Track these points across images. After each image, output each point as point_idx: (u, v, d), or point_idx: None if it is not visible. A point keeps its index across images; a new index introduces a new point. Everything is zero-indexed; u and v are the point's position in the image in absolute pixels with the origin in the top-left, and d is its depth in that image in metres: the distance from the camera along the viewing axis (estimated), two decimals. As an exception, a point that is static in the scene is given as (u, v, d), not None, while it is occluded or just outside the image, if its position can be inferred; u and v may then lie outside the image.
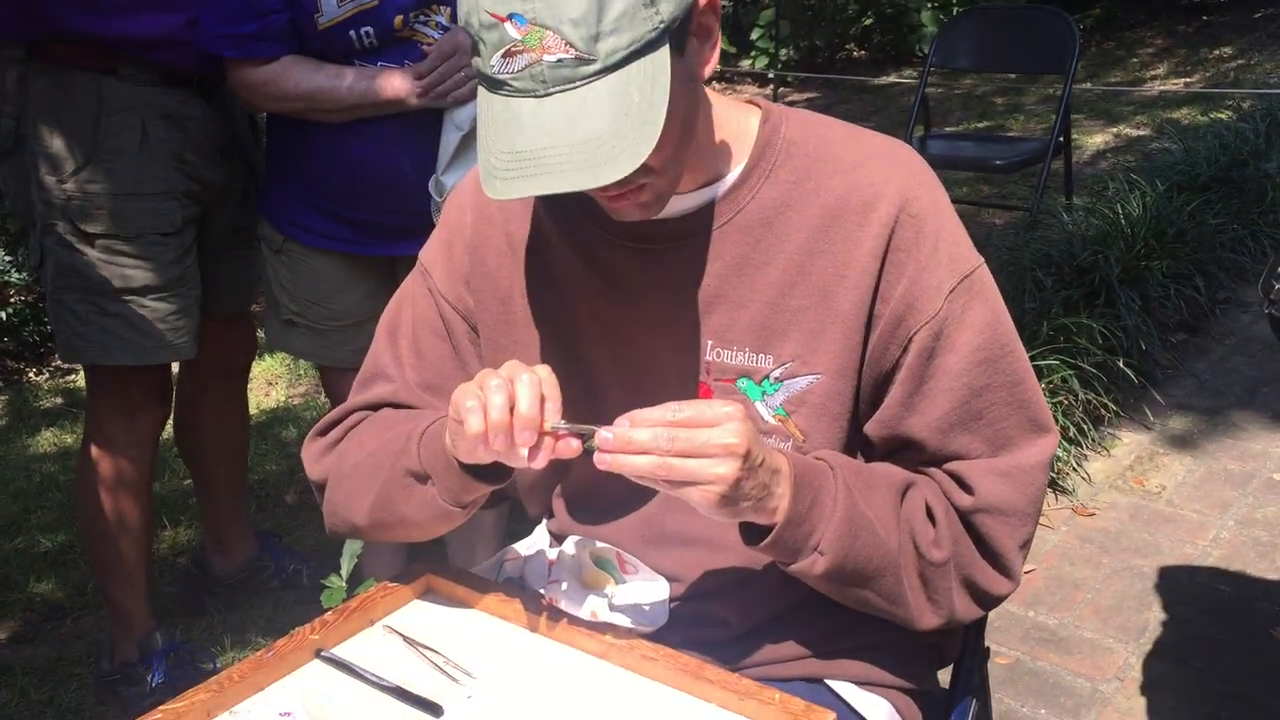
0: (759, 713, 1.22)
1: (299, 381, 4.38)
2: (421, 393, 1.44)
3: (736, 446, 1.13)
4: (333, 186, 2.29)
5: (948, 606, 1.31)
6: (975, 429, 1.29)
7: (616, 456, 1.13)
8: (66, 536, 3.31)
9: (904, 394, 1.29)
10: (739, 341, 1.32)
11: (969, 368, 1.27)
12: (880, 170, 1.30)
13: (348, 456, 1.42)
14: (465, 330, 1.44)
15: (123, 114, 2.27)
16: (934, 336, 1.27)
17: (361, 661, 1.33)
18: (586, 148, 1.09)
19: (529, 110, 1.11)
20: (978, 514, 1.28)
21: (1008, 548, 1.30)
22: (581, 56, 1.09)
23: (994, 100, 7.75)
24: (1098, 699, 2.47)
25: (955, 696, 1.53)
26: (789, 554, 1.24)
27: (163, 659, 2.53)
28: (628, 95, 1.10)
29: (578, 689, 1.29)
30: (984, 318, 1.28)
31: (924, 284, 1.27)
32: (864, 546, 1.24)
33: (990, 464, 1.29)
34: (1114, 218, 4.27)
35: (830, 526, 1.22)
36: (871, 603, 1.29)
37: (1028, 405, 1.30)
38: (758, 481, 1.16)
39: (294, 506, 3.46)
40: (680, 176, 1.25)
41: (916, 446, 1.31)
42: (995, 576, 1.31)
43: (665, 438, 1.12)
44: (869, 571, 1.26)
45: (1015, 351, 1.31)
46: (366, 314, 2.41)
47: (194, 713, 1.24)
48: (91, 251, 2.29)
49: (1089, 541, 3.02)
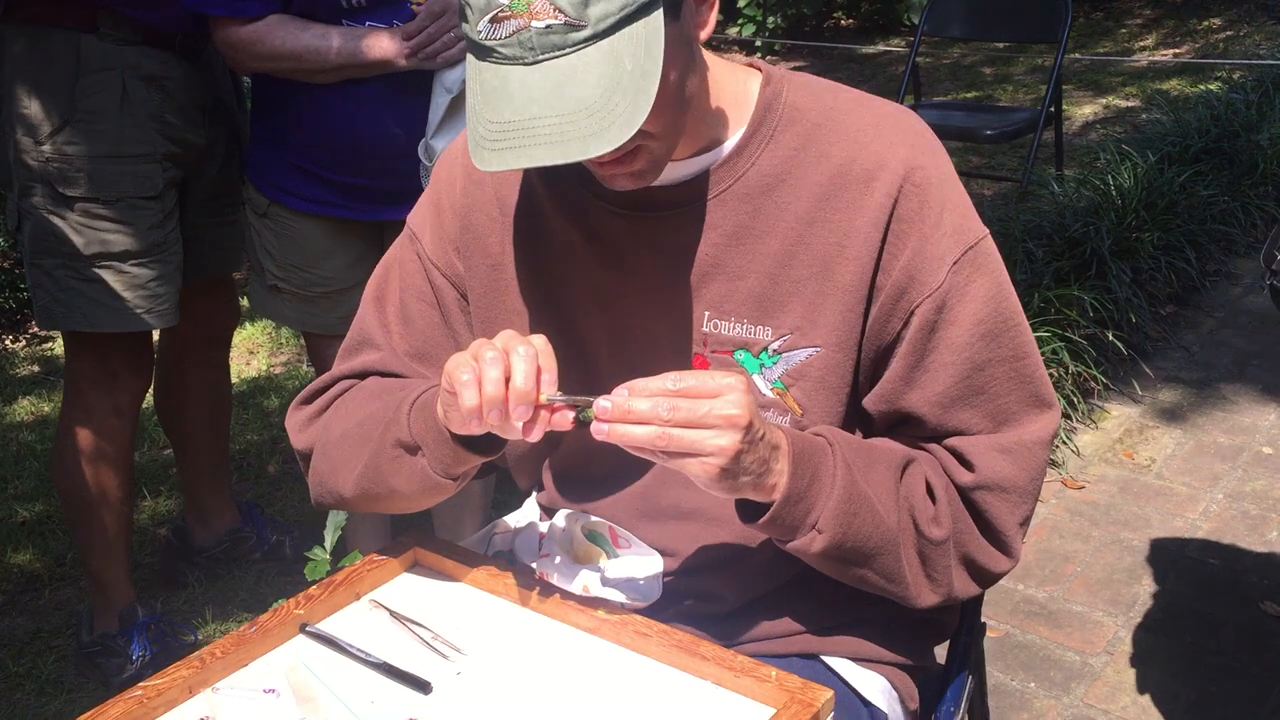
0: (755, 690, 1.20)
1: (281, 350, 4.33)
2: (410, 361, 1.41)
3: (738, 418, 1.09)
4: (319, 150, 2.24)
5: (946, 584, 1.28)
6: (977, 404, 1.26)
7: (615, 426, 1.10)
8: (45, 507, 3.26)
9: (905, 368, 1.26)
10: (737, 313, 1.28)
11: (971, 341, 1.24)
12: (885, 138, 1.26)
13: (334, 426, 1.38)
14: (454, 297, 1.40)
15: (102, 74, 2.21)
16: (936, 310, 1.24)
17: (347, 637, 1.30)
18: (577, 118, 1.06)
19: (517, 78, 1.07)
20: (978, 491, 1.26)
21: (1008, 525, 1.27)
22: (571, 22, 1.05)
23: (982, 70, 7.71)
24: (1087, 672, 2.46)
25: (951, 672, 1.51)
26: (787, 531, 1.21)
27: (143, 631, 2.50)
28: (620, 62, 1.06)
29: (569, 665, 1.26)
30: (988, 290, 1.25)
31: (927, 256, 1.23)
32: (862, 524, 1.21)
33: (992, 440, 1.26)
34: (1105, 189, 4.25)
35: (829, 504, 1.19)
36: (870, 580, 1.26)
37: (1031, 380, 1.27)
38: (758, 456, 1.13)
39: (276, 477, 3.42)
40: (676, 143, 1.21)
41: (916, 421, 1.28)
42: (995, 554, 1.29)
43: (666, 407, 1.09)
44: (867, 549, 1.23)
45: (1019, 325, 1.28)
46: (353, 280, 2.37)
47: (176, 689, 1.21)
48: (70, 215, 2.24)
49: (1079, 515, 3.01)
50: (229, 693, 1.22)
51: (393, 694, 1.23)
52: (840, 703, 1.22)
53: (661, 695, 1.21)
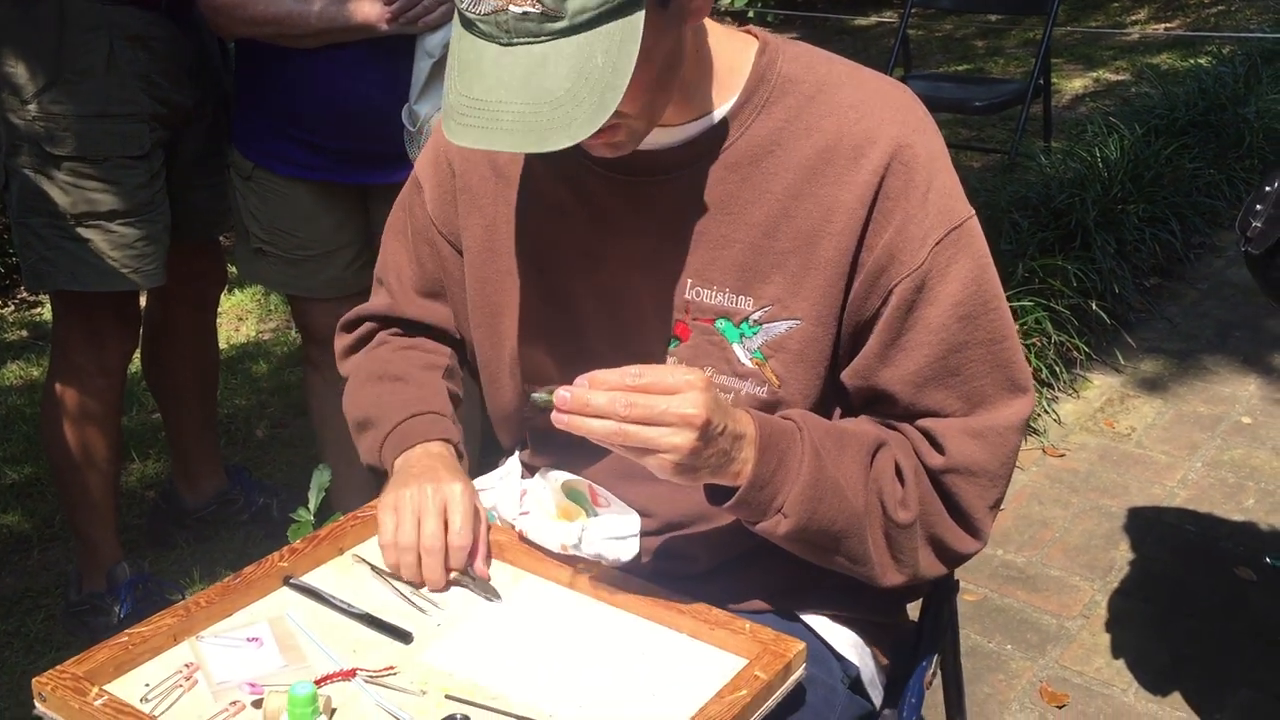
0: (729, 642, 1.22)
1: (269, 317, 4.33)
2: (419, 298, 1.50)
3: (694, 418, 1.11)
4: (303, 114, 2.24)
5: (912, 565, 1.29)
6: (951, 385, 1.26)
7: (573, 418, 1.12)
8: (33, 469, 3.28)
9: (880, 345, 1.26)
10: (719, 281, 1.29)
11: (948, 323, 1.25)
12: (876, 114, 1.26)
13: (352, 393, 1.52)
14: (450, 253, 1.44)
15: (88, 33, 2.21)
16: (915, 289, 1.24)
17: (329, 589, 1.33)
18: (541, 109, 1.07)
19: (492, 57, 1.09)
20: (948, 474, 1.27)
21: (977, 508, 1.28)
22: (548, 12, 1.06)
23: (974, 43, 7.70)
24: (1063, 635, 2.50)
25: (924, 629, 1.54)
26: (753, 514, 1.23)
27: (130, 590, 2.52)
28: (591, 58, 1.07)
29: (547, 619, 1.28)
30: (969, 272, 1.25)
31: (909, 234, 1.23)
32: (828, 510, 1.23)
33: (963, 423, 1.27)
34: (1091, 161, 4.26)
35: (794, 490, 1.21)
36: (836, 562, 1.28)
37: (1007, 364, 1.27)
38: (717, 449, 1.15)
39: (264, 441, 3.44)
40: (658, 117, 1.22)
41: (889, 399, 1.28)
42: (963, 536, 1.30)
43: (623, 403, 1.10)
44: (833, 532, 1.24)
45: (998, 309, 1.27)
46: (337, 244, 2.38)
47: (160, 637, 1.23)
48: (57, 175, 2.25)
49: (1058, 482, 3.05)
50: (213, 641, 1.24)
51: (374, 644, 1.25)
52: (812, 655, 1.24)
53: (638, 648, 1.23)
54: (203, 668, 1.20)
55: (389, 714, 1.15)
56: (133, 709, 1.13)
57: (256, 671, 1.19)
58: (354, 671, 1.19)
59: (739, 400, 1.30)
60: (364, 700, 1.17)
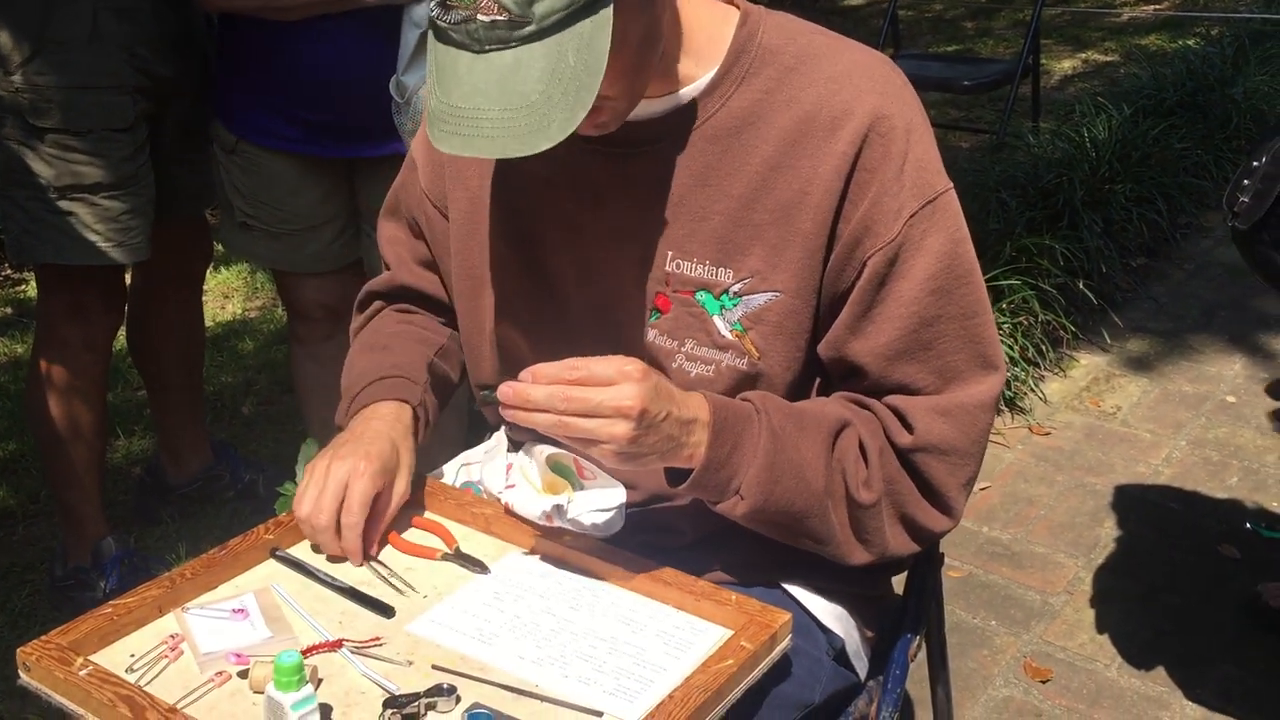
0: (715, 613, 1.22)
1: (255, 294, 4.32)
2: (419, 268, 1.54)
3: (629, 408, 1.13)
4: (287, 86, 2.23)
5: (880, 545, 1.30)
6: (922, 359, 1.26)
7: (516, 412, 1.15)
8: (18, 445, 3.27)
9: (852, 317, 1.26)
10: (699, 253, 1.29)
11: (920, 296, 1.24)
12: (855, 85, 1.25)
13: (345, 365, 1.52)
14: (441, 222, 1.46)
15: (72, 4, 2.19)
16: (888, 262, 1.24)
17: (316, 563, 1.33)
18: (518, 114, 1.08)
19: (465, 65, 1.09)
20: (917, 453, 1.27)
21: (949, 486, 1.29)
22: (515, 19, 1.06)
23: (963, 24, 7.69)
24: (1047, 611, 2.52)
25: (909, 603, 1.54)
26: (710, 495, 1.24)
27: (116, 565, 2.52)
28: (563, 58, 1.07)
29: (534, 591, 1.29)
30: (943, 246, 1.25)
31: (884, 207, 1.23)
32: (786, 490, 1.23)
33: (932, 401, 1.27)
34: (1079, 141, 4.27)
35: (750, 472, 1.22)
36: (800, 542, 1.29)
37: (979, 340, 1.27)
38: (661, 436, 1.17)
39: (250, 418, 3.43)
40: (639, 96, 1.23)
41: (860, 372, 1.28)
42: (934, 514, 1.30)
43: (560, 397, 1.13)
44: (793, 513, 1.25)
45: (972, 283, 1.27)
46: (322, 217, 2.37)
47: (145, 608, 1.23)
48: (41, 147, 2.23)
49: (1044, 460, 3.06)
50: (198, 612, 1.24)
51: (361, 615, 1.25)
52: (798, 627, 1.24)
53: (624, 619, 1.24)
54: (188, 639, 1.20)
55: (376, 684, 1.15)
56: (118, 679, 1.13)
57: (242, 642, 1.19)
58: (340, 642, 1.19)
59: (719, 372, 1.30)
60: (350, 671, 1.17)
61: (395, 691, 1.13)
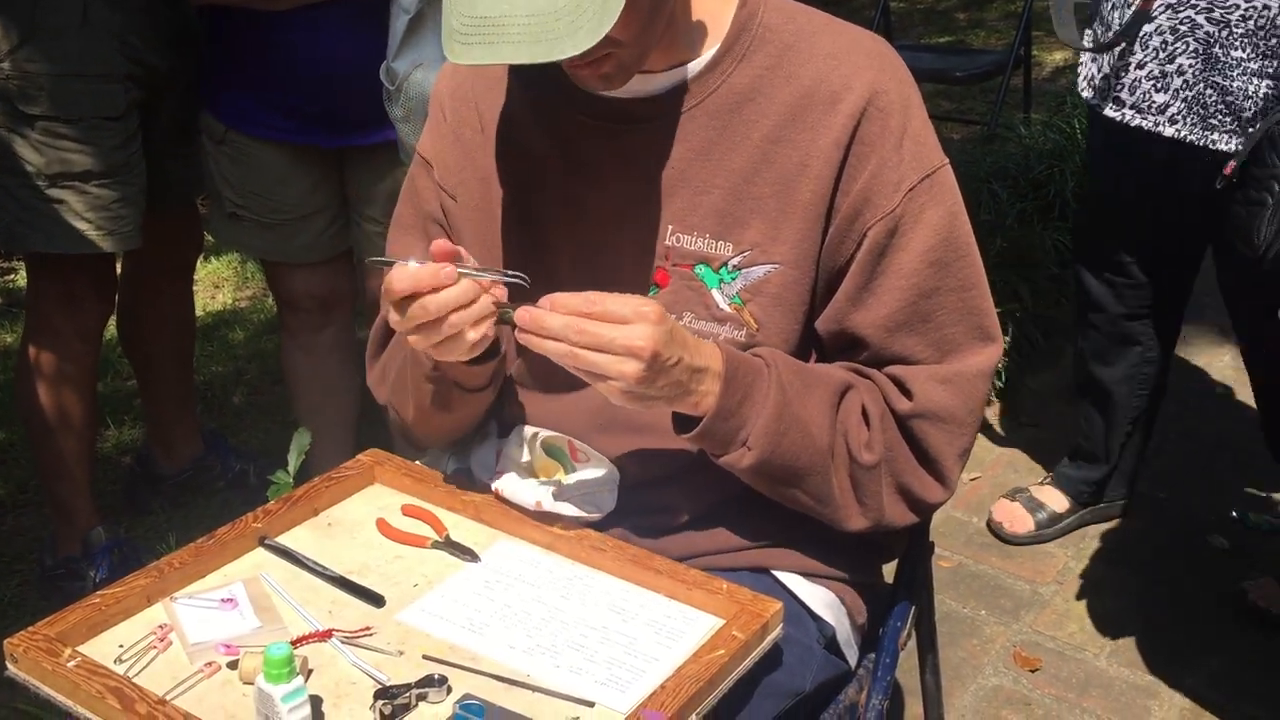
0: (706, 602, 1.23)
1: (246, 285, 4.30)
2: None
3: (640, 349, 1.13)
4: (276, 76, 2.21)
5: (876, 510, 1.31)
6: (921, 331, 1.29)
7: (529, 336, 1.15)
8: (7, 434, 3.25)
9: (853, 288, 1.28)
10: (699, 227, 1.30)
11: (920, 268, 1.27)
12: (852, 62, 1.28)
13: (390, 369, 1.46)
14: (453, 207, 1.44)
15: (64, -8, 2.18)
16: (888, 234, 1.26)
17: (305, 551, 1.32)
18: (545, 19, 1.08)
19: None
20: (915, 419, 1.29)
21: (945, 454, 1.30)
22: None
23: (956, 15, 7.68)
24: (1037, 601, 2.52)
25: (899, 590, 1.55)
26: (718, 445, 1.25)
27: (106, 555, 2.51)
28: None
29: (524, 580, 1.28)
30: (941, 219, 1.28)
31: (884, 179, 1.26)
32: (792, 444, 1.25)
33: (932, 370, 1.29)
34: (1070, 132, 4.26)
35: (759, 423, 1.23)
36: (800, 500, 1.30)
37: (976, 312, 1.30)
38: (671, 380, 1.17)
39: (241, 408, 3.42)
40: (648, 51, 1.24)
41: (861, 344, 1.30)
42: (930, 483, 1.32)
43: (575, 329, 1.13)
44: (797, 468, 1.26)
45: (969, 256, 1.30)
46: (312, 207, 2.36)
47: (133, 598, 1.23)
48: (31, 134, 2.22)
49: (1034, 450, 3.06)
50: (187, 602, 1.24)
51: (351, 604, 1.25)
52: (789, 615, 1.25)
53: (615, 608, 1.24)
54: (177, 629, 1.20)
55: (366, 674, 1.15)
56: (107, 670, 1.13)
57: (231, 633, 1.19)
58: (330, 632, 1.19)
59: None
60: (341, 661, 1.17)
61: (386, 682, 1.13)
